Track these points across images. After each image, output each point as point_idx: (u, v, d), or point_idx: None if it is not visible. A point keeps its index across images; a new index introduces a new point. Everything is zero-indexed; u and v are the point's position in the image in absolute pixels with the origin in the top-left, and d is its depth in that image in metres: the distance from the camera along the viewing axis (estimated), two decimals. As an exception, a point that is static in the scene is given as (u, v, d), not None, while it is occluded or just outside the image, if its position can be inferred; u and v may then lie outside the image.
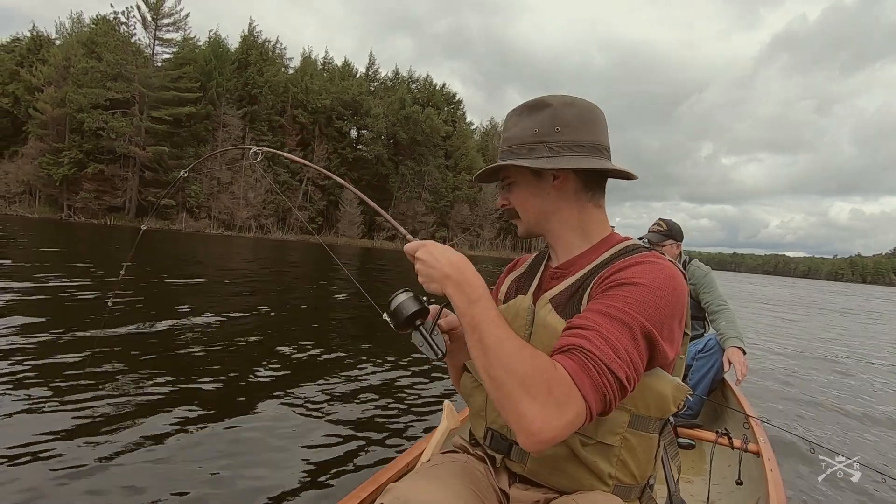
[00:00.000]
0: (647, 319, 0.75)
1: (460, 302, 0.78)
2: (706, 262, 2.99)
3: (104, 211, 41.49)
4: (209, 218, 44.50)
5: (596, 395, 0.70)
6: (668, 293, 0.78)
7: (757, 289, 38.33)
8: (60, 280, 7.58)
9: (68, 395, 3.07)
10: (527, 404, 0.68)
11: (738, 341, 2.55)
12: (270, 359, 4.41)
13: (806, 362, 7.11)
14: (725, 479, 2.15)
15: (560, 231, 0.94)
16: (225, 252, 20.70)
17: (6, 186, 41.10)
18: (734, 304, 2.95)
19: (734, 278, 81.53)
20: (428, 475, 0.88)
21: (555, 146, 0.87)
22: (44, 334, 4.40)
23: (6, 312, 5.08)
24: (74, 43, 42.44)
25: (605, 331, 0.73)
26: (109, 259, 12.35)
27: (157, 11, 44.46)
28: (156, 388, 3.34)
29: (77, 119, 39.52)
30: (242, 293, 8.75)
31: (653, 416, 0.84)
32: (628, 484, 0.85)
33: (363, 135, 54.05)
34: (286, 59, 54.73)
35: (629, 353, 0.73)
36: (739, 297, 23.14)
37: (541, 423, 0.67)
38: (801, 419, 4.15)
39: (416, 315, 0.87)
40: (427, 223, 53.68)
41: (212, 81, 44.79)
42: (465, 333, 0.77)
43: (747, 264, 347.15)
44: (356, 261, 22.14)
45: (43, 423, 2.67)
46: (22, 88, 42.28)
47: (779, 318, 13.78)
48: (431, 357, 0.88)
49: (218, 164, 44.31)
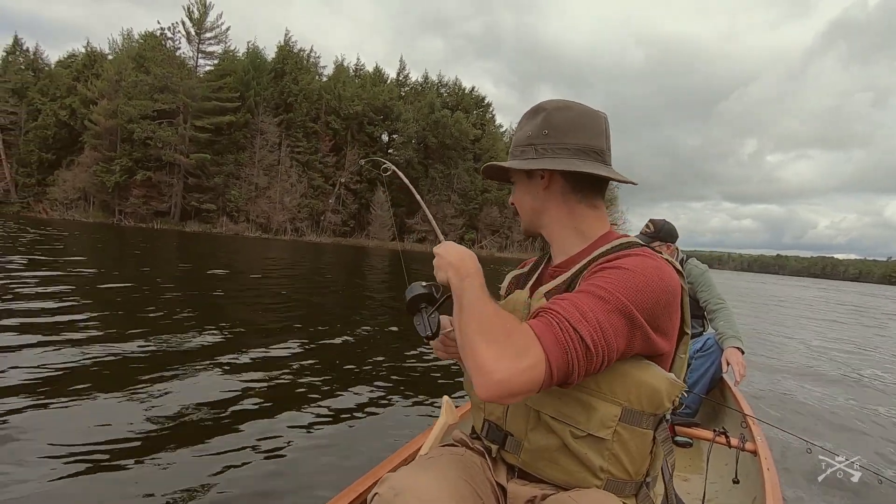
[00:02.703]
0: (627, 298, 0.76)
1: (454, 279, 0.84)
2: (747, 264, 2.97)
3: (151, 215, 43.88)
4: (247, 221, 46.38)
5: (557, 349, 0.70)
6: (653, 280, 0.79)
7: (790, 290, 36.85)
8: (121, 282, 8.33)
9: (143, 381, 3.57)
10: (484, 345, 0.70)
11: (736, 341, 2.54)
12: (269, 350, 4.50)
13: (810, 361, 7.07)
14: (722, 477, 2.15)
15: (554, 229, 0.98)
16: (272, 253, 21.66)
17: (64, 193, 44.07)
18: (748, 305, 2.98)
19: (767, 280, 77.30)
20: (424, 466, 0.91)
21: (540, 148, 0.92)
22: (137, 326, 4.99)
23: (76, 310, 5.79)
24: (125, 58, 45.13)
25: (577, 300, 0.75)
26: (168, 263, 13.33)
27: (200, 26, 46.83)
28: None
29: (127, 129, 41.98)
30: (277, 293, 9.33)
31: (646, 410, 0.84)
32: (621, 479, 0.86)
33: (394, 139, 55.05)
34: (320, 67, 56.37)
35: (598, 320, 0.73)
36: (752, 297, 22.34)
37: (494, 363, 0.68)
38: (800, 419, 4.15)
39: (420, 298, 0.95)
40: (456, 225, 54.12)
41: (250, 91, 46.72)
42: (454, 306, 0.82)
43: (791, 267, 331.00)
44: (387, 262, 22.71)
45: (114, 412, 2.96)
46: (78, 102, 45.20)
47: (800, 318, 13.52)
48: (422, 333, 0.95)
49: (255, 171, 46.17)
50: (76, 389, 3.19)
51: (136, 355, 4.06)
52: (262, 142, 47.16)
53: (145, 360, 3.93)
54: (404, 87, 60.98)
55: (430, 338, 0.96)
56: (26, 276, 7.71)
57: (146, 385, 3.39)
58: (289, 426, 2.93)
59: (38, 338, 4.23)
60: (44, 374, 3.40)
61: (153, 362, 3.89)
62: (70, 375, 3.44)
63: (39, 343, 4.10)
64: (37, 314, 5.14)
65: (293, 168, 48.12)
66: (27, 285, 6.78)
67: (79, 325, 4.79)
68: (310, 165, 49.45)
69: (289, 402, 3.30)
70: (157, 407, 3.03)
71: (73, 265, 9.79)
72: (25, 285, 6.76)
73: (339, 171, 50.47)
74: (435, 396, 3.69)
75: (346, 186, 50.78)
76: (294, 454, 2.59)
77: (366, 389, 3.70)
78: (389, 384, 3.90)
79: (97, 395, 3.15)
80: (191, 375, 3.68)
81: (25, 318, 4.90)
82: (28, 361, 3.63)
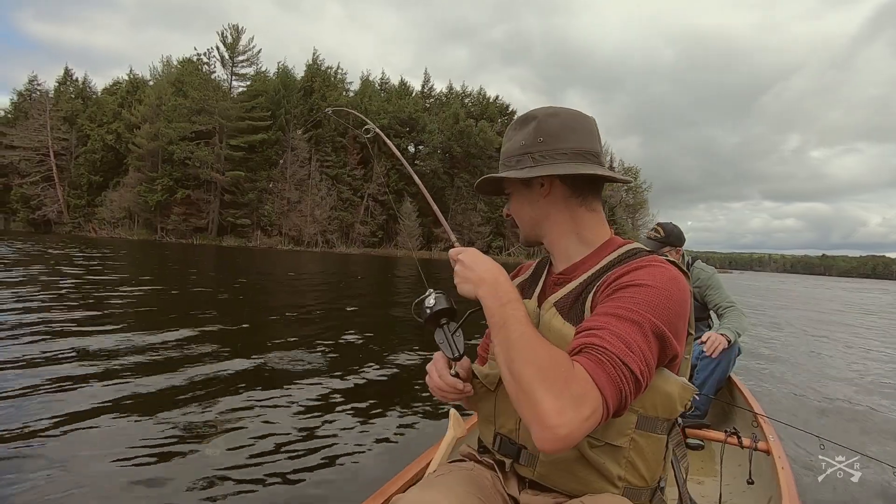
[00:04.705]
0: (657, 318, 0.76)
1: (491, 303, 0.80)
2: (790, 266, 2.95)
3: (191, 231, 46.00)
4: (280, 234, 47.93)
5: (612, 388, 0.69)
6: (673, 293, 0.79)
7: (831, 293, 35.26)
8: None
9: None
10: (544, 396, 0.67)
11: (728, 332, 2.59)
12: (275, 365, 4.46)
13: (819, 357, 7.00)
14: (736, 478, 2.11)
15: (555, 236, 0.97)
16: (304, 265, 22.34)
17: (111, 213, 46.74)
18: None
19: (808, 282, 73.64)
20: (434, 485, 0.89)
21: (538, 156, 0.91)
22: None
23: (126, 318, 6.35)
24: (165, 83, 47.76)
25: (616, 329, 0.74)
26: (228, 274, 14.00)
27: (233, 51, 49.20)
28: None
29: (168, 151, 44.32)
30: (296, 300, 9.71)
31: (660, 416, 0.84)
32: (638, 486, 0.86)
33: (420, 150, 55.96)
34: (347, 83, 58.14)
35: (641, 348, 0.73)
36: (773, 296, 21.42)
37: (557, 417, 0.65)
38: (813, 415, 4.12)
39: (443, 313, 0.91)
40: (483, 233, 54.36)
41: (280, 109, 48.60)
42: (492, 333, 0.78)
43: (839, 267, 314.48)
44: (414, 271, 23.06)
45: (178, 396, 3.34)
46: (123, 126, 48.03)
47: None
48: (448, 355, 0.91)
49: (287, 186, 47.78)
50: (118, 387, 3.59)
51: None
52: (293, 157, 48.82)
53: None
54: (429, 98, 61.99)
55: (456, 359, 0.92)
56: (120, 291, 8.40)
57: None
58: (290, 443, 2.85)
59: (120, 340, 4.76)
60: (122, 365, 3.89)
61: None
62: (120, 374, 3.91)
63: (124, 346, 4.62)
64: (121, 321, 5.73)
65: (323, 182, 49.55)
66: (120, 297, 7.41)
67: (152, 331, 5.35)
68: (339, 179, 50.79)
69: (286, 419, 3.22)
70: (155, 419, 3.06)
71: (145, 282, 10.56)
72: (119, 297, 7.39)
73: (366, 184, 51.62)
74: (441, 408, 3.61)
75: (373, 198, 51.84)
76: (295, 473, 2.50)
77: (370, 403, 3.64)
78: (393, 398, 3.83)
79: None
80: (197, 378, 3.88)
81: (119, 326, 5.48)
82: (110, 349, 4.13)
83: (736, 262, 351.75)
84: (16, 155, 46.76)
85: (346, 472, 2.57)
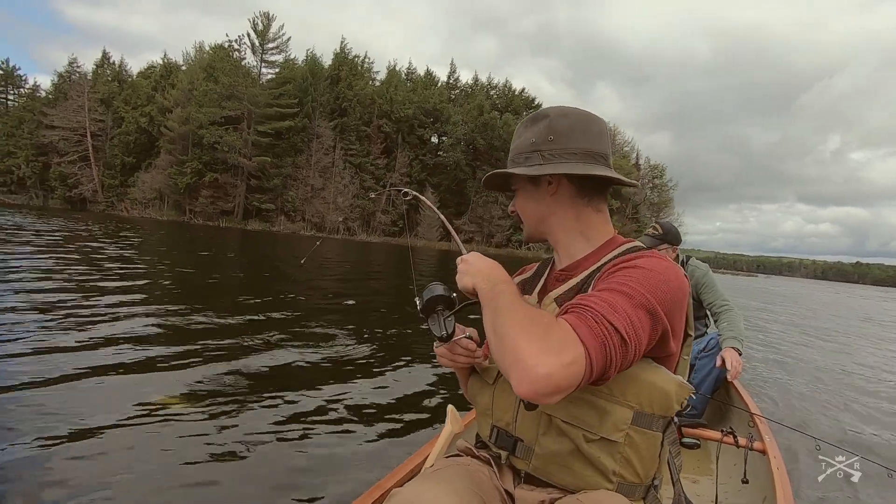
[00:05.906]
0: (649, 293, 0.77)
1: (483, 284, 0.82)
2: (821, 272, 2.87)
3: (217, 214, 47.23)
4: (303, 220, 48.85)
5: (595, 342, 0.69)
6: (670, 279, 0.80)
7: (851, 301, 34.03)
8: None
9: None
10: (526, 343, 0.68)
11: (735, 342, 2.58)
12: (274, 356, 4.40)
13: (816, 359, 6.99)
14: (731, 478, 2.12)
15: (559, 234, 0.98)
16: (329, 252, 22.80)
17: (143, 193, 48.32)
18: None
19: (840, 290, 70.71)
20: (432, 479, 0.90)
21: (547, 154, 0.92)
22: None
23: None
24: (197, 68, 48.81)
25: (603, 295, 0.76)
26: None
27: (263, 38, 49.93)
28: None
29: (198, 135, 45.38)
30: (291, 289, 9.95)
31: (657, 413, 0.85)
32: (632, 482, 0.87)
33: (443, 141, 56.06)
34: (373, 72, 58.40)
35: (626, 312, 0.73)
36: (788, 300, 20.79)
37: (535, 357, 0.66)
38: (809, 416, 4.14)
39: (438, 299, 0.93)
40: (504, 226, 54.27)
41: (307, 97, 49.22)
42: (483, 309, 0.80)
43: (873, 276, 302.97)
44: (433, 261, 23.46)
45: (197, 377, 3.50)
46: (156, 110, 49.34)
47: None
48: (436, 333, 0.93)
49: (311, 173, 48.58)
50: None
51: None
52: (318, 145, 49.52)
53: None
54: (454, 89, 61.89)
55: (443, 339, 0.94)
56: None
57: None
58: (287, 437, 2.83)
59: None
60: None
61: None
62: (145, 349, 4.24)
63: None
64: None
65: (346, 170, 50.13)
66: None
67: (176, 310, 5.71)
68: (362, 168, 51.34)
69: (285, 412, 3.18)
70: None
71: (179, 263, 11.07)
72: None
73: (389, 174, 52.05)
74: (439, 404, 3.63)
75: (395, 188, 52.11)
76: (293, 467, 2.50)
77: (370, 398, 3.63)
78: (391, 394, 3.80)
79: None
80: (199, 364, 3.89)
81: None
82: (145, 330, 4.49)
83: (764, 266, 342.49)
84: (55, 135, 48.50)
85: (344, 465, 2.57)
